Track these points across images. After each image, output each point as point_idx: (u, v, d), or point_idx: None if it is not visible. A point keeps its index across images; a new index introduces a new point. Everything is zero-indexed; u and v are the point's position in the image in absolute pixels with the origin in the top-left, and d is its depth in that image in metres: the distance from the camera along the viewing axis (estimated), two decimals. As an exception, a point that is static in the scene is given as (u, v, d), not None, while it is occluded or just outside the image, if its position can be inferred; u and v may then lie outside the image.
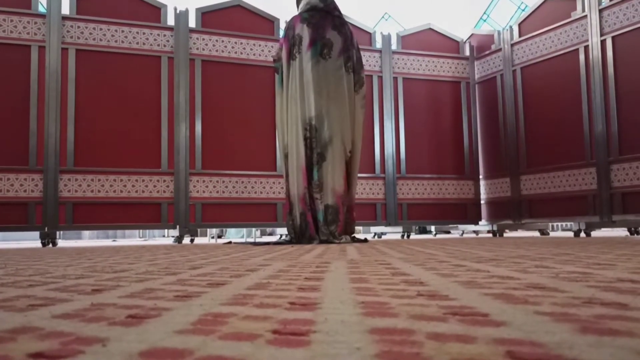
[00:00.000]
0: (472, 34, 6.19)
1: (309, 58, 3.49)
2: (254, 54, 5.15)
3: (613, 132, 4.53)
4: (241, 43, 5.12)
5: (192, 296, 0.70)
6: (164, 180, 4.72)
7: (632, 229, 4.89)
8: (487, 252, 1.81)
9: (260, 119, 5.10)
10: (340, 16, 3.74)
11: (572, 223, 5.19)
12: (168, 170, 4.74)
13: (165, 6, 4.92)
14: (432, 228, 8.22)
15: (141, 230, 11.99)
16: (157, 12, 4.89)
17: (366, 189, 5.42)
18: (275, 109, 5.02)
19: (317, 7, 3.62)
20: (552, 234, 6.74)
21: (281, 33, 5.31)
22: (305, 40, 3.52)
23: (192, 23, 5.01)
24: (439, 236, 7.32)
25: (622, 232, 6.26)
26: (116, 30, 4.71)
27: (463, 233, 8.07)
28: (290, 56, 3.59)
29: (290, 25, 3.72)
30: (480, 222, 5.94)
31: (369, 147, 5.48)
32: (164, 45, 4.86)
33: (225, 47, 5.06)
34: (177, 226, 4.74)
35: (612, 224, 4.63)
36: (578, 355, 0.34)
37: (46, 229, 4.37)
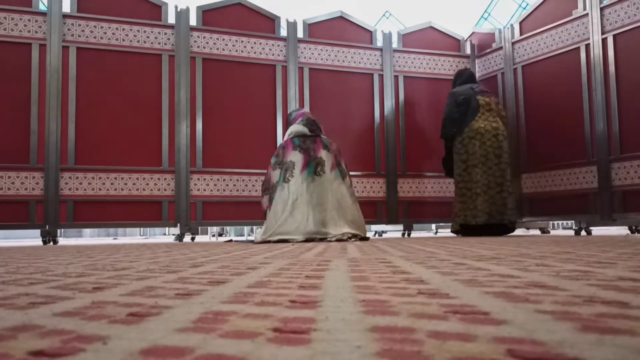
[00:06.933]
0: (473, 32, 6.18)
1: (304, 179, 3.83)
2: (255, 52, 5.15)
3: (614, 130, 4.53)
4: (242, 41, 5.11)
5: (192, 294, 0.70)
6: (165, 179, 4.72)
7: (633, 227, 4.88)
8: (488, 251, 1.81)
9: (261, 117, 5.09)
10: (324, 137, 4.14)
11: (572, 221, 5.19)
12: (169, 168, 4.74)
13: (166, 4, 4.91)
14: (433, 226, 8.22)
15: (142, 229, 12.02)
16: (157, 10, 4.89)
17: (367, 187, 5.41)
18: (275, 109, 5.07)
19: (306, 134, 4.06)
20: (552, 232, 6.74)
21: (282, 32, 5.32)
22: (299, 165, 3.88)
23: (192, 21, 5.00)
24: (439, 234, 7.32)
25: (623, 230, 6.25)
26: (117, 29, 4.71)
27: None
28: (284, 179, 3.87)
29: (281, 152, 4.04)
30: (481, 221, 5.93)
31: (369, 145, 5.48)
32: (165, 44, 4.85)
33: (226, 45, 5.06)
34: (178, 224, 4.74)
35: (613, 223, 4.62)
36: (579, 354, 0.34)
37: (47, 227, 4.38)
